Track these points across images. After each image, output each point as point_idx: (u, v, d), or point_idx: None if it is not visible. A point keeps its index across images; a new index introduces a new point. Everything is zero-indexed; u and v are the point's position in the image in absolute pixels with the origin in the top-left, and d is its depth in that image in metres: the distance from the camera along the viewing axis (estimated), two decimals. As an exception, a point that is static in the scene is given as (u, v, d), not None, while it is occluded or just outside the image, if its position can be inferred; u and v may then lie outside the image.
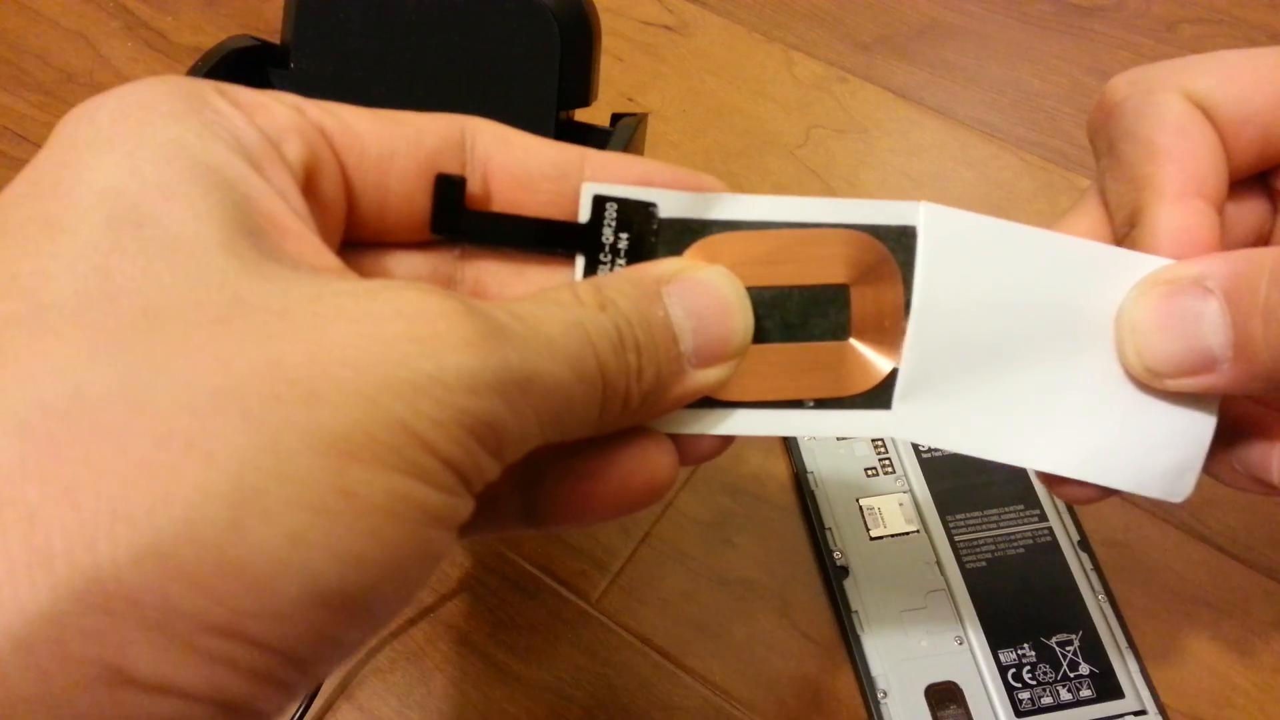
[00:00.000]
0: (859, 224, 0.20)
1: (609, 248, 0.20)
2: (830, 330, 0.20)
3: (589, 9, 0.29)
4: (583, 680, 0.35)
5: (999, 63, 0.53)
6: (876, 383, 0.20)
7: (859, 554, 0.36)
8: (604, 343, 0.17)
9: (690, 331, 0.19)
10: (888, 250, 0.20)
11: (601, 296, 0.18)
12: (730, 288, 0.20)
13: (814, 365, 0.20)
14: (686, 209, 0.20)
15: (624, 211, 0.20)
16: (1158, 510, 0.39)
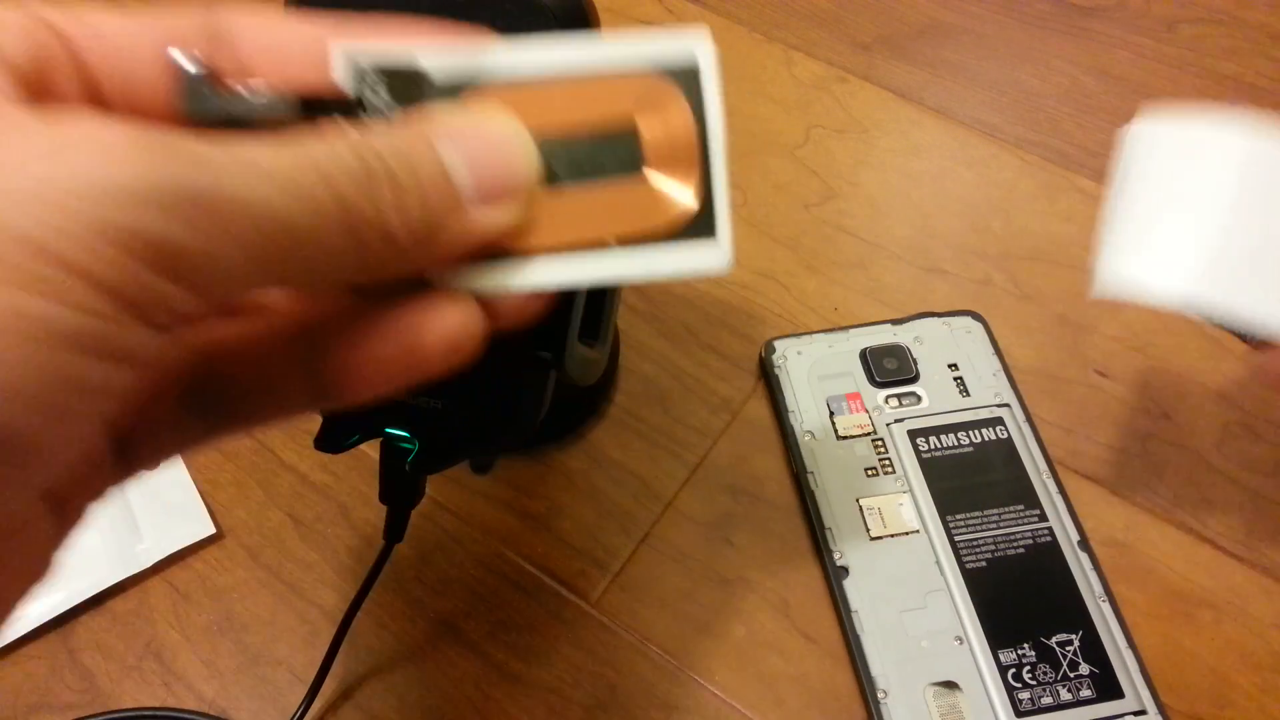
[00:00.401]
0: (639, 65, 0.19)
1: (372, 110, 0.19)
2: (623, 165, 0.19)
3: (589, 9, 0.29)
4: (583, 680, 0.35)
5: (999, 63, 0.53)
6: (679, 214, 0.20)
7: (859, 554, 0.36)
8: (340, 174, 0.16)
9: (464, 164, 0.18)
10: (671, 82, 0.19)
11: (350, 134, 0.17)
12: (503, 122, 0.19)
13: (612, 203, 0.19)
14: (456, 64, 0.19)
15: (388, 76, 0.19)
16: (1158, 510, 0.39)
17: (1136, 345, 0.43)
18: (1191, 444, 0.40)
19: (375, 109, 0.19)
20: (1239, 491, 0.39)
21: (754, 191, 0.48)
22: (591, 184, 0.19)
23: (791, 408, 0.40)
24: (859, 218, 0.47)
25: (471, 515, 0.38)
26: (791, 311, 0.44)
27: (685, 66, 0.20)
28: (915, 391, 0.40)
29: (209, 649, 0.35)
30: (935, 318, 0.42)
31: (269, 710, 0.34)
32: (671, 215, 0.20)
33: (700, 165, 0.20)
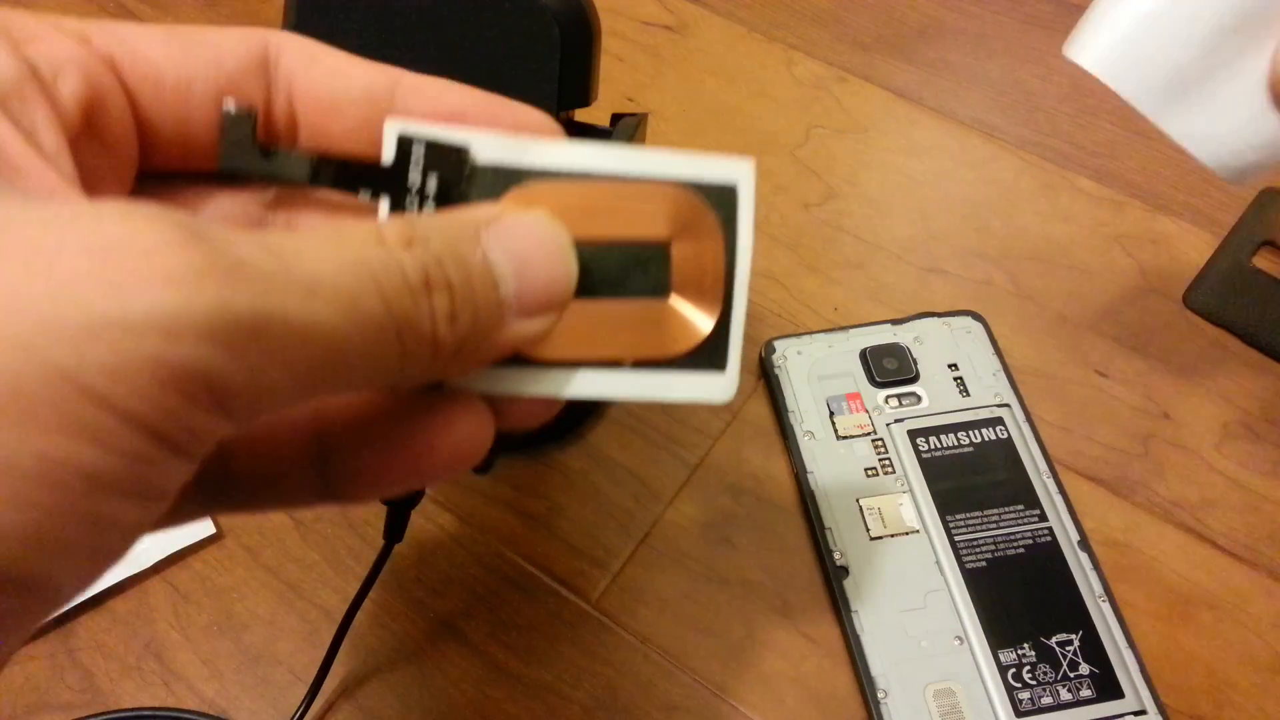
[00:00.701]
0: (682, 180, 0.20)
1: (415, 191, 0.19)
2: (650, 287, 0.20)
3: (589, 9, 0.29)
4: (583, 680, 0.35)
5: (999, 63, 0.53)
6: (696, 343, 0.20)
7: (859, 554, 0.36)
8: (396, 284, 0.15)
9: (512, 275, 0.17)
10: (710, 207, 0.20)
11: (410, 233, 0.16)
12: (555, 231, 0.18)
13: (633, 322, 0.20)
14: (503, 154, 0.19)
15: (433, 154, 0.19)
16: (1158, 510, 0.39)
17: (1136, 345, 0.43)
18: (1191, 444, 0.40)
19: (415, 188, 0.19)
20: (1239, 491, 0.39)
21: (755, 193, 0.48)
22: (616, 300, 0.20)
23: (791, 408, 0.40)
24: (859, 218, 0.47)
25: (471, 515, 0.38)
26: (791, 311, 0.44)
27: (725, 188, 0.20)
28: (915, 391, 0.40)
29: (209, 649, 0.35)
30: (935, 318, 0.42)
31: (269, 710, 0.34)
32: (688, 344, 0.20)
33: (723, 298, 0.20)
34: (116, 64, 0.17)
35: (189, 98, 0.18)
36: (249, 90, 0.18)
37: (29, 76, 0.16)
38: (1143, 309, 0.44)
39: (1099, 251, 0.46)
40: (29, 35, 0.16)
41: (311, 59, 0.18)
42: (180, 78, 0.17)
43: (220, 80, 0.18)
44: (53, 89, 0.16)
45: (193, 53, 0.18)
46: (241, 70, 0.18)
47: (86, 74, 0.16)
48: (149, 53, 0.17)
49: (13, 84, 0.15)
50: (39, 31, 0.16)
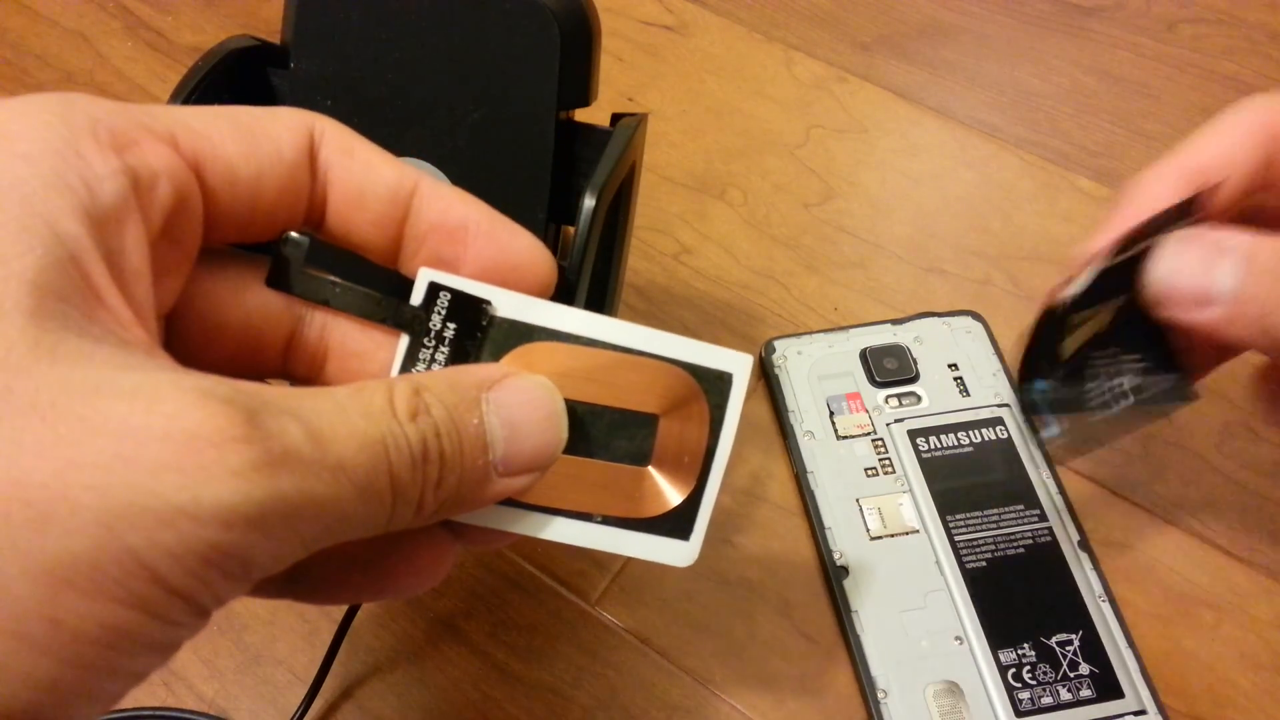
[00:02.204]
0: (682, 361, 0.21)
1: (434, 334, 0.20)
2: (632, 454, 0.21)
3: (589, 9, 0.29)
4: (583, 680, 0.35)
5: (999, 63, 0.53)
6: (662, 512, 0.21)
7: (859, 554, 0.36)
8: (402, 459, 0.17)
9: (503, 441, 0.19)
10: (702, 391, 0.21)
11: (417, 402, 0.17)
12: (553, 402, 0.20)
13: (610, 484, 0.21)
14: (520, 312, 0.21)
15: (457, 303, 0.20)
16: (1158, 510, 0.39)
17: (1136, 345, 0.43)
18: (1191, 444, 0.40)
19: (435, 331, 0.20)
20: (1239, 491, 0.39)
21: (754, 191, 0.48)
22: (600, 460, 0.21)
23: (791, 408, 0.40)
24: (859, 218, 0.47)
25: (471, 515, 0.38)
26: (791, 311, 0.44)
27: (722, 374, 0.21)
28: (915, 391, 0.40)
29: (209, 649, 0.35)
30: (935, 318, 0.42)
31: (269, 710, 0.34)
32: (656, 511, 0.21)
33: (698, 475, 0.21)
34: (200, 165, 0.18)
35: (258, 191, 0.19)
36: (301, 179, 0.19)
37: (129, 193, 0.16)
38: (1143, 309, 0.44)
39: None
40: (129, 140, 0.17)
41: (348, 151, 0.20)
42: (251, 173, 0.19)
43: (282, 172, 0.19)
44: (147, 204, 0.17)
45: (258, 147, 0.19)
46: (298, 163, 0.19)
47: (176, 183, 0.17)
48: (226, 152, 0.18)
49: (114, 204, 0.16)
50: (136, 135, 0.17)
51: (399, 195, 0.20)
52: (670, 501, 0.21)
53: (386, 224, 0.20)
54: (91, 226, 0.16)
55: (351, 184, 0.20)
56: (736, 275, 0.45)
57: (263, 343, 0.21)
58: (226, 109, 0.19)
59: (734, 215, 0.47)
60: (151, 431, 0.14)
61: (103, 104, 0.17)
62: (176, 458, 0.14)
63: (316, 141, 0.19)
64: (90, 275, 0.15)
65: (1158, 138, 0.50)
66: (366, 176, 0.20)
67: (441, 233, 0.20)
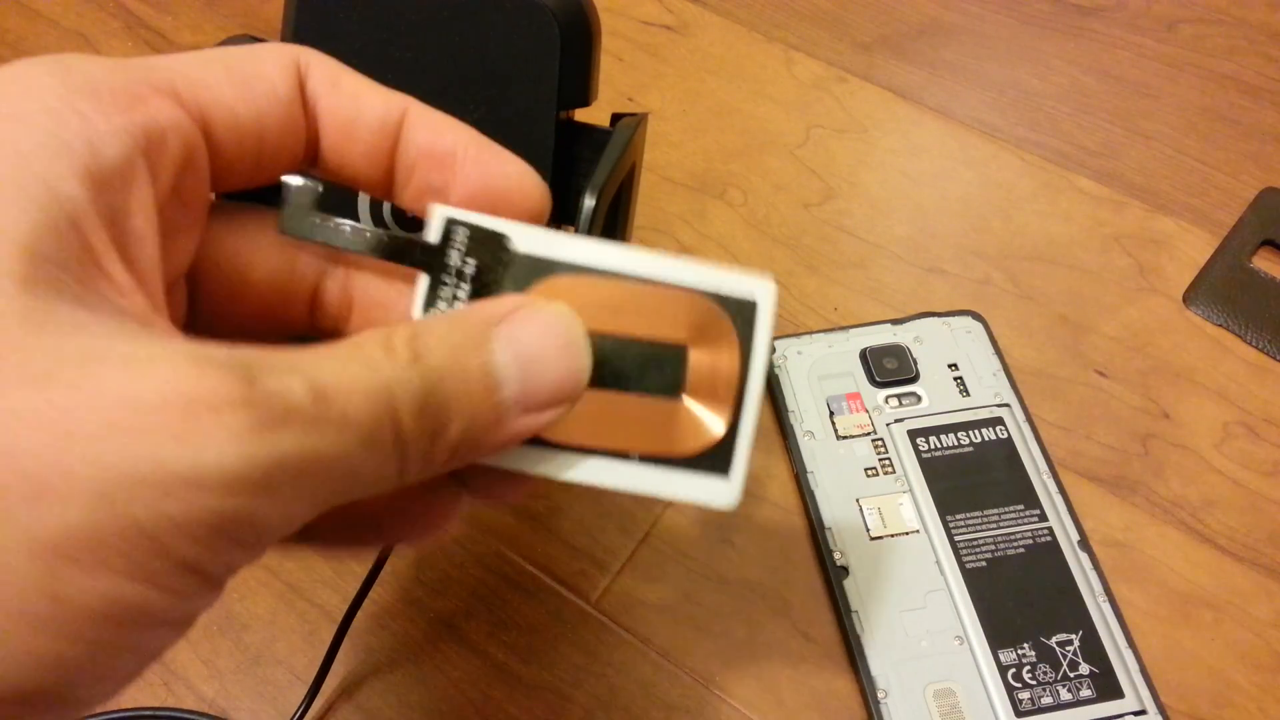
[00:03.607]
0: (706, 290, 0.20)
1: (454, 271, 0.20)
2: (664, 387, 0.20)
3: (589, 9, 0.29)
4: (583, 680, 0.35)
5: (999, 63, 0.53)
6: (704, 446, 0.20)
7: (859, 554, 0.36)
8: (406, 407, 0.16)
9: (517, 378, 0.18)
10: (730, 319, 0.20)
11: (417, 346, 0.17)
12: (570, 329, 0.19)
13: (644, 418, 0.20)
14: (539, 246, 0.20)
15: (475, 239, 0.20)
16: (1158, 510, 0.39)
17: (1136, 345, 0.43)
18: (1191, 444, 0.40)
19: (455, 268, 0.20)
20: (1239, 491, 0.39)
21: (754, 191, 0.48)
22: (632, 394, 0.20)
23: (791, 408, 0.40)
24: (859, 218, 0.47)
25: (471, 515, 0.38)
26: (791, 311, 0.44)
27: (745, 303, 0.21)
28: (915, 391, 0.40)
29: (209, 649, 0.35)
30: (935, 318, 0.42)
31: (269, 710, 0.34)
32: (698, 446, 0.20)
33: (735, 406, 0.20)
34: (204, 115, 0.17)
35: (260, 134, 0.18)
36: (297, 116, 0.19)
37: (135, 153, 0.16)
38: (1143, 309, 0.44)
39: (1099, 251, 0.46)
40: (133, 96, 0.16)
41: (334, 83, 0.19)
42: (251, 118, 0.18)
43: (280, 112, 0.18)
44: (156, 162, 0.16)
45: (254, 88, 0.18)
46: (292, 99, 0.19)
47: (183, 138, 0.17)
48: (226, 98, 0.18)
49: (118, 164, 0.16)
50: (139, 91, 0.16)
51: (388, 124, 0.19)
52: (712, 432, 0.20)
53: (378, 154, 0.20)
54: (93, 188, 0.15)
55: (341, 116, 0.19)
56: (736, 275, 0.45)
57: (288, 300, 0.20)
58: (216, 52, 0.18)
59: (734, 215, 0.47)
60: (146, 398, 0.13)
61: (100, 61, 0.16)
62: (173, 424, 0.13)
63: (304, 75, 0.19)
64: (89, 239, 0.15)
65: (1158, 138, 0.50)
66: (355, 107, 0.19)
67: (430, 159, 0.20)
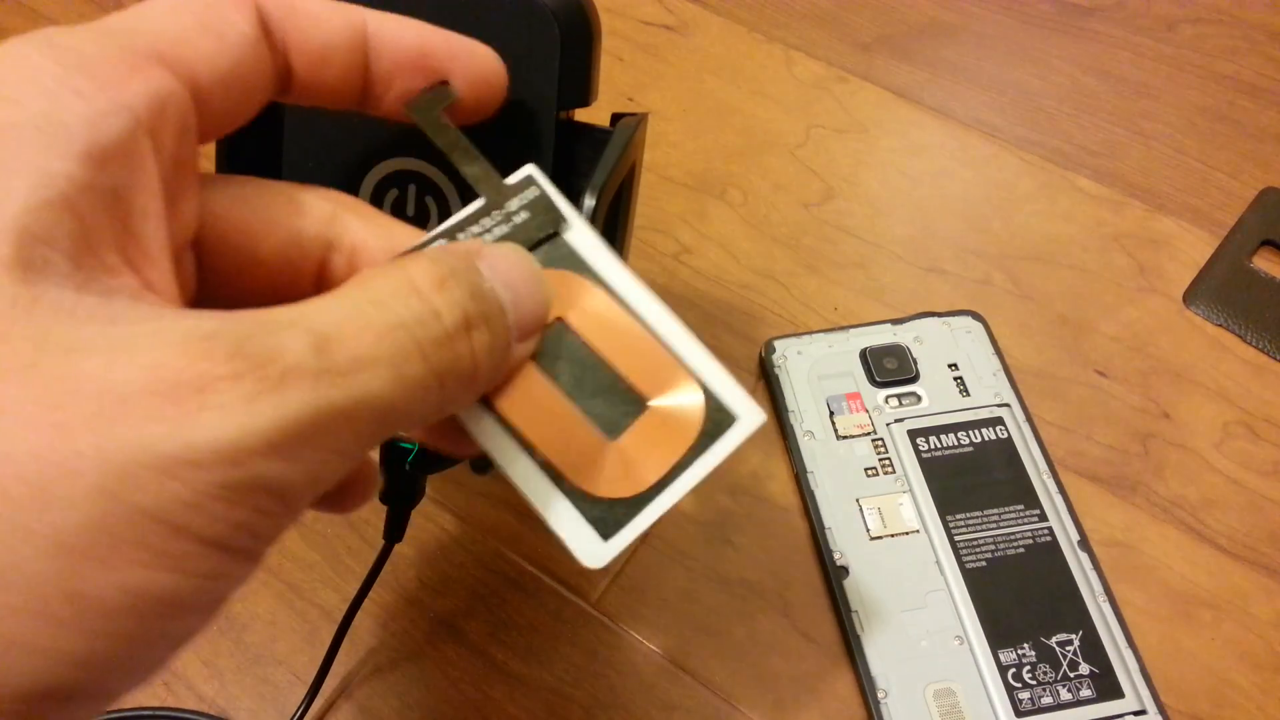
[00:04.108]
0: (704, 378, 0.21)
1: (505, 212, 0.20)
2: (605, 422, 0.20)
3: (589, 9, 0.29)
4: (583, 680, 0.35)
5: (999, 63, 0.53)
6: (603, 495, 0.20)
7: (859, 554, 0.36)
8: (432, 334, 0.16)
9: (510, 303, 0.18)
10: (704, 415, 0.20)
11: (438, 272, 0.17)
12: (532, 264, 0.20)
13: (569, 432, 0.20)
14: (584, 244, 0.21)
15: (539, 204, 0.21)
16: (1158, 510, 0.39)
17: (1136, 345, 0.43)
18: (1191, 444, 0.40)
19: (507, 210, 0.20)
20: (1239, 491, 0.39)
21: (754, 191, 0.48)
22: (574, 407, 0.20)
23: (791, 407, 0.40)
24: (859, 218, 0.47)
25: (471, 515, 0.38)
26: (791, 311, 0.44)
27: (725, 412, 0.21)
28: (915, 391, 0.40)
29: (209, 649, 0.35)
30: (935, 317, 0.42)
31: (269, 710, 0.34)
32: (598, 491, 0.20)
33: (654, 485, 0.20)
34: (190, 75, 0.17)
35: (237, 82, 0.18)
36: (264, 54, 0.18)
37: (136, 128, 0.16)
38: (1143, 309, 0.44)
39: (1099, 251, 0.46)
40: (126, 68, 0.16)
41: (291, 9, 0.19)
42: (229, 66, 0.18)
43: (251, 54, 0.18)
44: (158, 134, 0.16)
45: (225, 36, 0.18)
46: (259, 38, 0.18)
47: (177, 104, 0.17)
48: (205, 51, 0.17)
49: (119, 140, 0.15)
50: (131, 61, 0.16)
51: (354, 41, 0.19)
52: (614, 490, 0.20)
53: (350, 73, 0.20)
54: (92, 167, 0.15)
55: (310, 45, 0.19)
56: (736, 275, 0.45)
57: (296, 272, 0.20)
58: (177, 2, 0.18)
59: (734, 215, 0.47)
60: (133, 385, 0.13)
61: (85, 34, 0.16)
62: (161, 409, 0.13)
63: (261, 7, 0.18)
64: (84, 217, 0.15)
65: (1158, 138, 0.50)
66: (320, 32, 0.19)
67: (406, 67, 0.20)
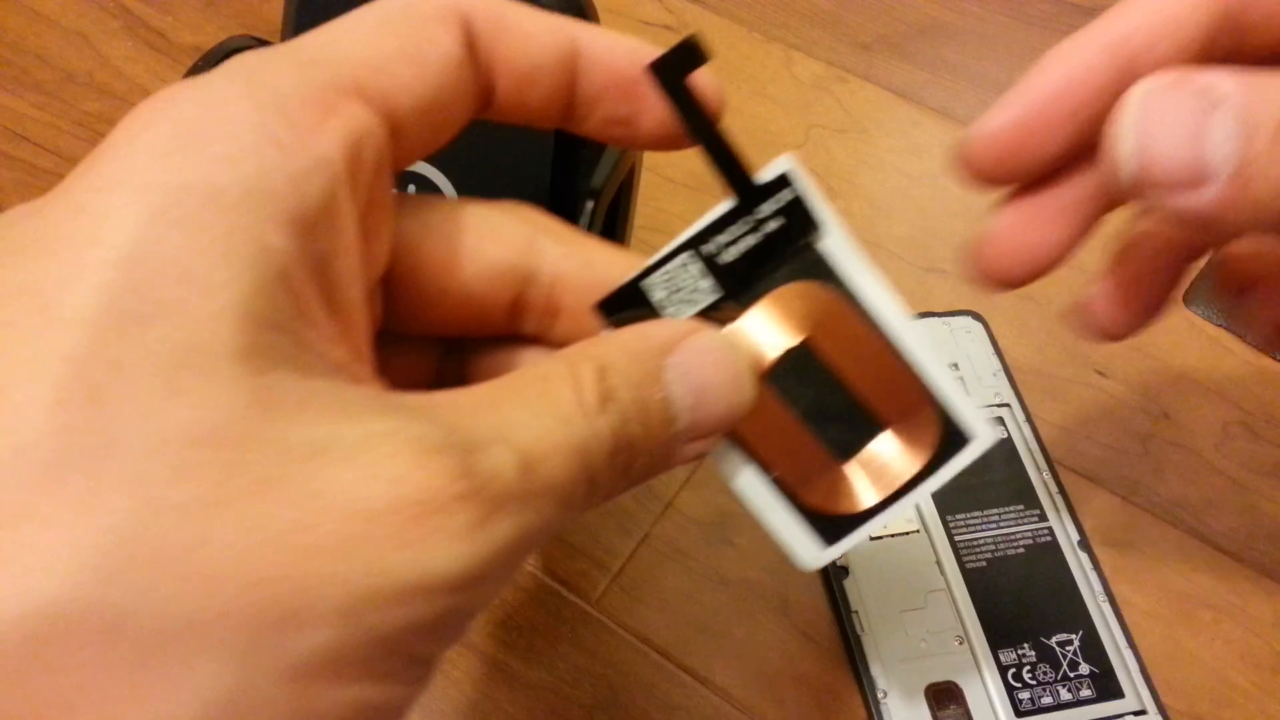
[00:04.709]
0: (940, 397, 0.20)
1: (756, 218, 0.19)
2: (837, 444, 0.20)
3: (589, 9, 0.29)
4: (583, 680, 0.35)
5: (999, 63, 0.53)
6: (829, 511, 0.20)
7: (859, 554, 0.36)
8: (599, 459, 0.16)
9: (689, 410, 0.18)
10: (939, 437, 0.20)
11: (604, 388, 0.16)
12: (737, 361, 0.18)
13: (799, 452, 0.20)
14: (841, 254, 0.20)
15: (793, 208, 0.19)
16: (1158, 510, 0.39)
17: (1136, 345, 0.43)
18: (1191, 444, 0.40)
19: (758, 217, 0.19)
20: (1239, 491, 0.39)
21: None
22: (801, 423, 0.20)
23: (791, 408, 0.40)
24: (859, 217, 0.47)
25: (471, 515, 0.38)
26: (791, 311, 0.44)
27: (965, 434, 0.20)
28: (915, 391, 0.40)
29: (209, 649, 0.35)
30: (935, 317, 0.42)
31: (269, 710, 0.34)
32: (825, 507, 0.20)
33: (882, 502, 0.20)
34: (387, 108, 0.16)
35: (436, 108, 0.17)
36: (469, 75, 0.17)
37: (337, 182, 0.15)
38: (1143, 309, 0.44)
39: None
40: (323, 108, 0.15)
41: (502, 26, 0.18)
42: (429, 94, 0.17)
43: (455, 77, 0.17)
44: (354, 182, 0.15)
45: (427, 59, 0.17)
46: (463, 60, 0.17)
47: (375, 143, 0.16)
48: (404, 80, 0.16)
49: (322, 201, 0.15)
50: (327, 99, 0.15)
51: (564, 61, 0.18)
52: (839, 506, 0.20)
53: (557, 94, 0.18)
54: (300, 236, 0.14)
55: (517, 64, 0.18)
56: (736, 275, 0.45)
57: (487, 306, 0.19)
58: (379, 21, 0.16)
59: (734, 215, 0.47)
60: (377, 503, 0.13)
61: (278, 65, 0.15)
62: (403, 531, 0.13)
63: (469, 23, 0.17)
64: (300, 293, 0.14)
65: (1158, 138, 0.50)
66: (527, 51, 0.18)
67: (614, 91, 0.19)
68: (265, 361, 0.13)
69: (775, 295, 0.20)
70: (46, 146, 0.48)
